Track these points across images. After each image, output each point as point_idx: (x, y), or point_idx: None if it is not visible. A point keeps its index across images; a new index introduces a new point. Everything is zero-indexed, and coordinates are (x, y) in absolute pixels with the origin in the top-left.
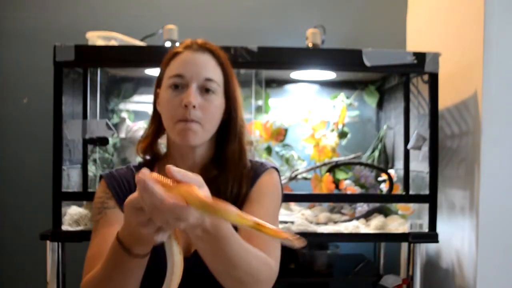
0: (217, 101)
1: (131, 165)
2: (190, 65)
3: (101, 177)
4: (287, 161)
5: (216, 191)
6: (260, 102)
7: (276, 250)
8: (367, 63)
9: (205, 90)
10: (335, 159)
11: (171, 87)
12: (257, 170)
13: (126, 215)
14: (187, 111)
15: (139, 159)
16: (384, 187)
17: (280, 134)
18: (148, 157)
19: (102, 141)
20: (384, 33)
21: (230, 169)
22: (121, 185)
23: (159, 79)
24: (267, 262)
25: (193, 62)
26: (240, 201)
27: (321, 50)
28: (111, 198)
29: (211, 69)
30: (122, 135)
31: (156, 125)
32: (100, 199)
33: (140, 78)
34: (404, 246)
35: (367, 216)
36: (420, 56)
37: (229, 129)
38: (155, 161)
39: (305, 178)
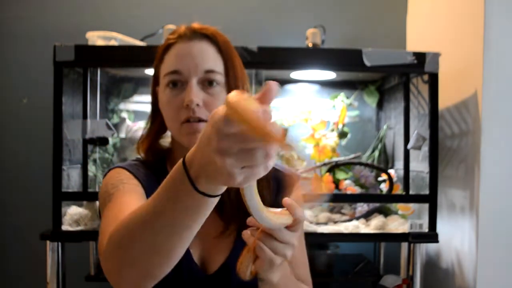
0: (224, 93)
1: (135, 162)
2: (186, 57)
3: (109, 170)
4: (287, 161)
5: (229, 198)
6: None
7: (309, 275)
8: (367, 63)
9: (208, 83)
10: (335, 159)
11: (169, 85)
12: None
13: (206, 131)
14: (191, 110)
15: None
16: (384, 187)
17: None
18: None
19: (102, 141)
20: (384, 33)
21: None
22: (143, 174)
23: (156, 76)
24: None
25: (189, 53)
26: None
27: (321, 50)
28: (134, 179)
29: (210, 59)
30: (122, 135)
31: (158, 125)
32: (117, 177)
33: (140, 78)
34: (404, 246)
35: (367, 216)
36: (420, 56)
37: None
38: (165, 160)
39: (305, 178)
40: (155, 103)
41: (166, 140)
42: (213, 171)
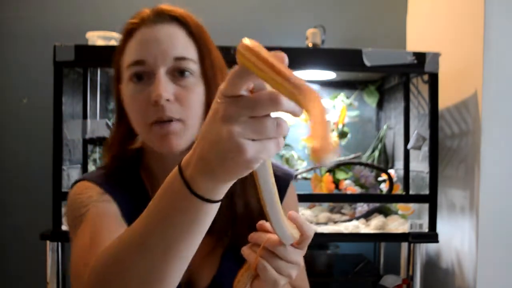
0: (199, 85)
1: (103, 171)
2: (151, 44)
3: (75, 183)
4: (287, 161)
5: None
6: None
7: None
8: (367, 63)
9: (179, 73)
10: (335, 159)
11: (132, 79)
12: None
13: (211, 108)
14: (160, 108)
15: None
16: (384, 187)
17: None
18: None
19: (102, 141)
20: (384, 33)
21: None
22: (113, 186)
23: (118, 71)
24: None
25: (154, 39)
26: (254, 219)
27: (321, 50)
28: (105, 194)
29: (180, 43)
30: None
31: (125, 129)
32: (87, 194)
33: None
34: (404, 246)
35: (367, 216)
36: (420, 56)
37: None
38: (138, 166)
39: (305, 178)
40: (119, 104)
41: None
42: (217, 155)
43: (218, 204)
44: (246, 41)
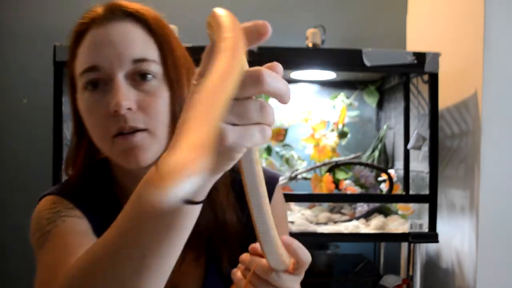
0: (163, 89)
1: (73, 183)
2: (105, 46)
3: (41, 197)
4: (287, 161)
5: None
6: None
7: None
8: (367, 63)
9: (139, 76)
10: (335, 159)
11: (87, 87)
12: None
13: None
14: (121, 118)
15: None
16: (384, 187)
17: (280, 134)
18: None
19: None
20: (384, 33)
21: None
22: (84, 199)
23: (72, 78)
24: None
25: (108, 40)
26: (227, 231)
27: (321, 50)
28: (74, 209)
29: (139, 43)
30: None
31: (86, 143)
32: (54, 209)
33: None
34: (404, 246)
35: (367, 216)
36: (420, 56)
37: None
38: (109, 178)
39: (305, 178)
40: (76, 115)
41: None
42: None
43: (199, 207)
44: (219, 11)
